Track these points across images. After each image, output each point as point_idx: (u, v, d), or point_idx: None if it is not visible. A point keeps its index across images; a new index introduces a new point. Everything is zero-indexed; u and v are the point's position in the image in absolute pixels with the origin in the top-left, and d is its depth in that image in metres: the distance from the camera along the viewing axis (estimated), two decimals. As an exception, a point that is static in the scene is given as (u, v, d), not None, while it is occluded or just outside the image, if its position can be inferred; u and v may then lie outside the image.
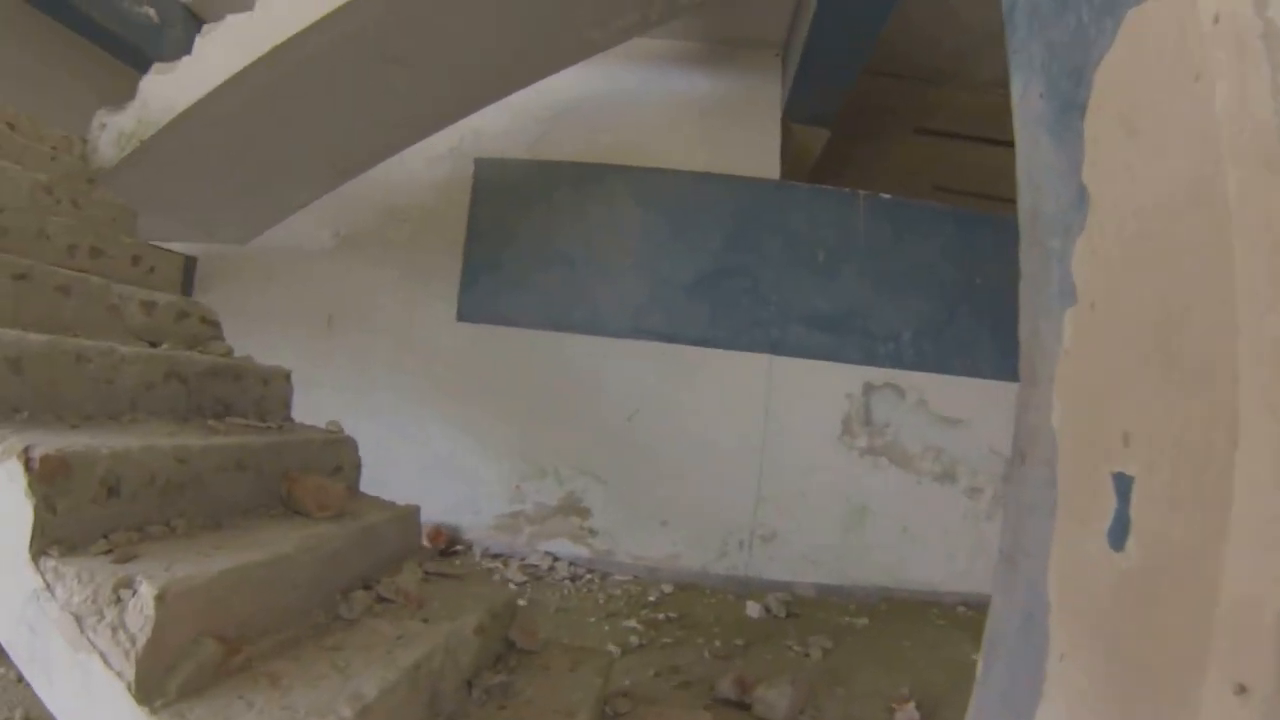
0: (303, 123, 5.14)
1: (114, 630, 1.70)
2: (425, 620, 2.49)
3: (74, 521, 1.87)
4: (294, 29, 4.20)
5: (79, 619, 1.71)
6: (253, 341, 5.93)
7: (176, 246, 6.36)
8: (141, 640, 1.68)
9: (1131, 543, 1.20)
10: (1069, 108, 1.46)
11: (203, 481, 2.33)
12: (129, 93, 4.74)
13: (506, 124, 6.65)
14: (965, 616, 5.85)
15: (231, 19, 4.45)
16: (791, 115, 6.72)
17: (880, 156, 8.41)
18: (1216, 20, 1.11)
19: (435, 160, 6.68)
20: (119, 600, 1.71)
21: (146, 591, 1.70)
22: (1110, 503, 1.25)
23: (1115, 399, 1.29)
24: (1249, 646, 0.99)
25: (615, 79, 6.81)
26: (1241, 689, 0.98)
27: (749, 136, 6.71)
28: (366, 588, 2.58)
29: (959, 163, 8.36)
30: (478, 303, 6.53)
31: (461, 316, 6.53)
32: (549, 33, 5.12)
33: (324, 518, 2.63)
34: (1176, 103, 1.17)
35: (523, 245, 6.56)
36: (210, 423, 2.78)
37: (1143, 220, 1.24)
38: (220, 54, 4.43)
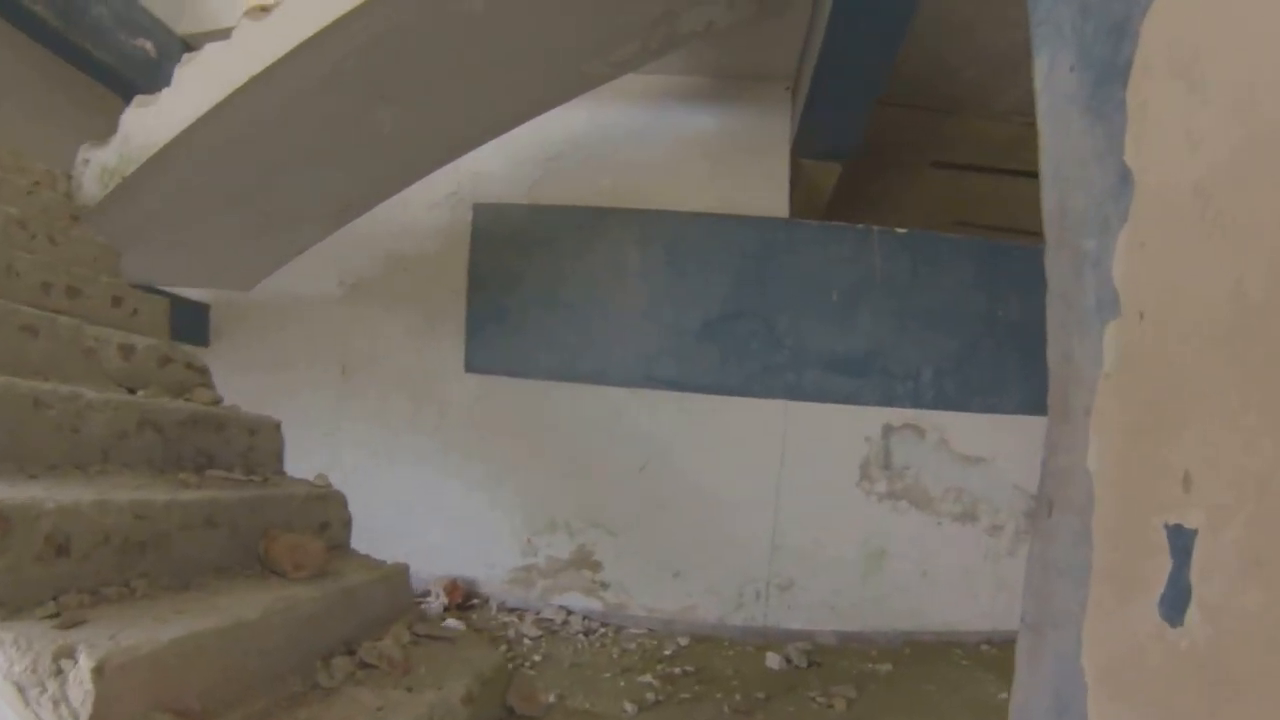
0: (290, 161, 5.02)
1: (55, 704, 1.55)
2: (410, 689, 2.31)
3: (16, 582, 1.73)
4: (270, 59, 4.07)
5: (21, 689, 1.57)
6: (274, 391, 5.92)
7: (189, 293, 6.36)
8: (84, 715, 1.53)
9: (1193, 615, 0.94)
10: (1108, 75, 1.22)
11: (168, 540, 2.17)
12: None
13: (505, 167, 6.56)
14: (989, 655, 5.71)
15: (209, 49, 4.29)
16: (801, 150, 6.55)
17: (897, 191, 8.27)
18: None
19: (435, 206, 6.60)
20: (60, 671, 1.57)
21: (85, 663, 1.55)
22: (1163, 563, 0.99)
23: (1172, 431, 1.03)
24: None
25: (616, 118, 6.69)
26: None
27: (756, 174, 6.56)
28: (349, 653, 2.41)
29: (980, 196, 8.21)
30: (485, 353, 6.43)
31: (470, 367, 6.43)
32: (541, 66, 5.02)
33: (300, 578, 2.47)
34: (1258, 40, 0.91)
35: (527, 293, 6.45)
36: (182, 476, 2.60)
37: (1209, 199, 0.98)
38: (199, 86, 4.28)
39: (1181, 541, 0.97)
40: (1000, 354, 6.28)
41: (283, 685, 2.08)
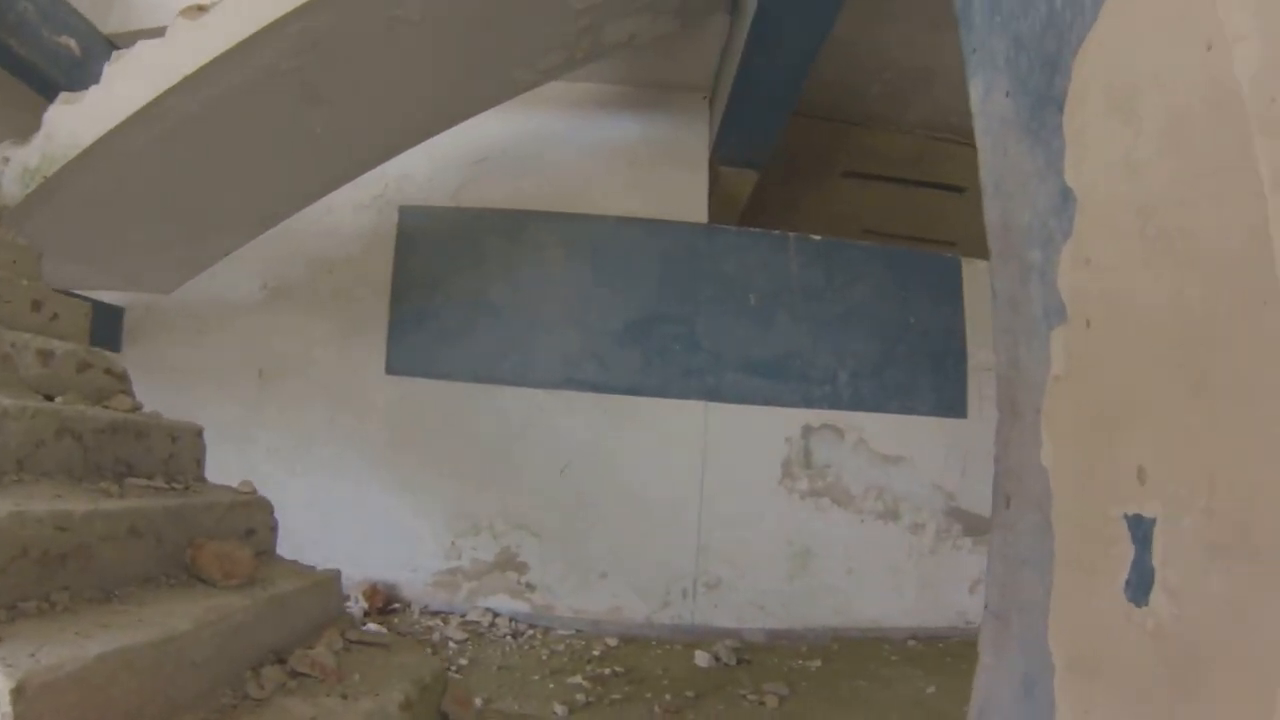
0: (220, 164, 4.90)
1: (-26, 728, 1.47)
2: (345, 696, 2.26)
3: (-73, 600, 1.62)
4: (205, 59, 3.96)
5: (-62, 714, 1.48)
6: (185, 398, 5.75)
7: (103, 296, 6.13)
8: (6, 741, 1.46)
9: (1158, 597, 1.02)
10: (1044, 103, 1.31)
11: (90, 551, 2.09)
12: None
13: (431, 170, 6.53)
14: (916, 651, 5.83)
15: (141, 46, 4.15)
16: (720, 158, 6.69)
17: (809, 199, 8.47)
18: None
19: (361, 208, 6.51)
20: (-24, 693, 1.48)
21: (3, 683, 1.47)
22: (1126, 550, 1.08)
23: (1125, 429, 1.11)
24: None
25: (540, 124, 6.71)
26: None
27: (677, 180, 6.66)
28: (280, 662, 2.34)
29: (888, 205, 8.46)
30: (407, 355, 6.35)
31: (391, 369, 6.34)
32: (474, 72, 5.02)
33: (230, 587, 2.40)
34: (1184, 78, 1.01)
35: (450, 295, 6.40)
36: (103, 485, 2.51)
37: (1148, 219, 1.07)
38: (129, 85, 4.13)
39: (1141, 530, 1.05)
40: (914, 358, 6.49)
41: (213, 699, 2.02)
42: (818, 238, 6.63)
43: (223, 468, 3.41)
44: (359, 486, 6.21)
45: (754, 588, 6.12)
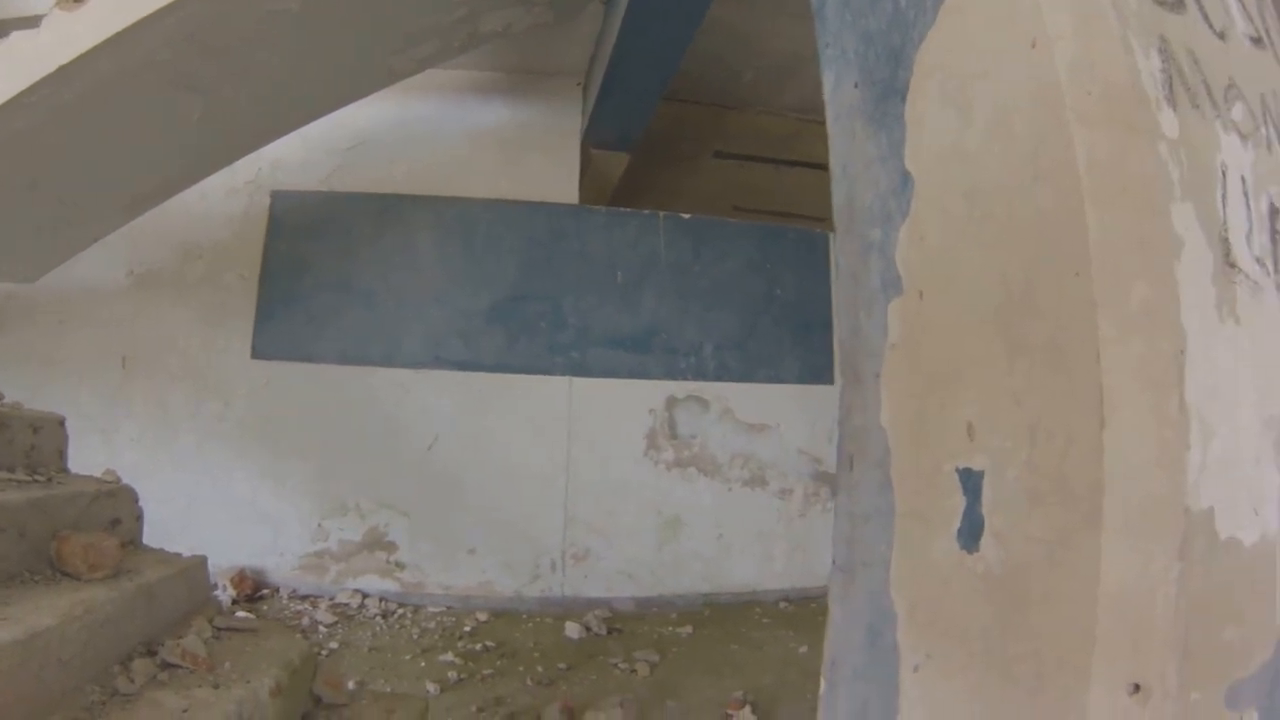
0: (91, 152, 4.72)
1: None
2: (216, 686, 2.21)
3: None
4: (82, 48, 3.82)
5: None
6: (49, 387, 5.70)
7: None
8: None
9: (987, 542, 1.14)
10: (888, 93, 1.42)
11: None
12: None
13: (304, 155, 6.38)
14: (788, 612, 6.03)
15: (15, 37, 4.00)
16: (592, 141, 6.76)
17: (680, 179, 8.60)
18: None
19: (233, 193, 6.32)
20: None
21: None
22: (958, 501, 1.19)
23: (954, 390, 1.23)
24: (1142, 641, 0.94)
25: (413, 109, 6.65)
26: (1136, 688, 0.94)
27: (549, 163, 6.71)
28: (150, 653, 2.28)
29: (756, 184, 8.69)
30: (273, 339, 6.20)
31: (257, 354, 6.18)
32: (352, 62, 4.97)
33: (97, 579, 2.32)
34: (1011, 73, 1.14)
35: (320, 279, 6.28)
36: None
37: (977, 200, 1.20)
38: (1, 73, 3.98)
39: (971, 482, 1.16)
40: (778, 329, 6.69)
41: (80, 696, 1.96)
42: (687, 216, 6.75)
43: (87, 458, 3.32)
44: (224, 473, 6.06)
45: (623, 557, 6.22)
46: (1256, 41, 1.30)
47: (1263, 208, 1.15)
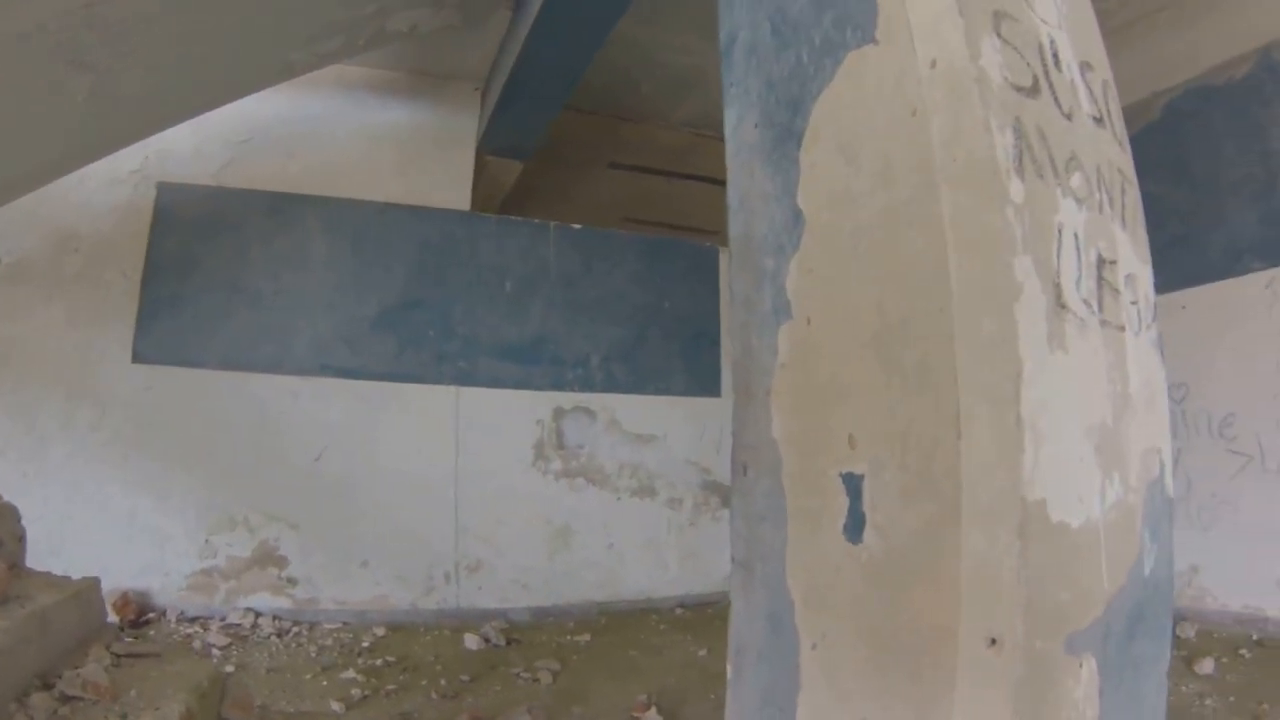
0: None
1: None
2: (124, 716, 2.19)
3: None
4: None
5: None
6: None
7: None
8: None
9: (869, 534, 1.35)
10: (785, 137, 1.61)
11: None
12: None
13: (194, 147, 6.13)
14: (684, 618, 6.18)
15: None
16: (486, 148, 6.81)
17: (573, 188, 8.70)
18: (934, 65, 1.32)
19: (116, 183, 5.98)
20: None
21: None
22: (843, 501, 1.40)
23: (837, 406, 1.44)
24: (995, 604, 1.16)
25: (309, 105, 6.51)
26: (992, 641, 1.15)
27: (442, 168, 6.70)
28: (47, 686, 2.21)
29: (650, 195, 8.87)
30: (156, 342, 5.92)
31: (137, 357, 5.87)
32: (251, 52, 4.83)
33: None
34: (895, 134, 1.35)
35: (206, 278, 6.05)
36: None
37: (859, 240, 1.41)
38: None
39: (853, 484, 1.37)
40: (667, 341, 6.89)
41: None
42: (578, 226, 6.89)
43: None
44: (100, 484, 5.73)
45: (516, 567, 6.27)
46: (1098, 121, 1.54)
47: (1091, 258, 1.38)
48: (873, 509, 1.34)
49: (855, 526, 1.36)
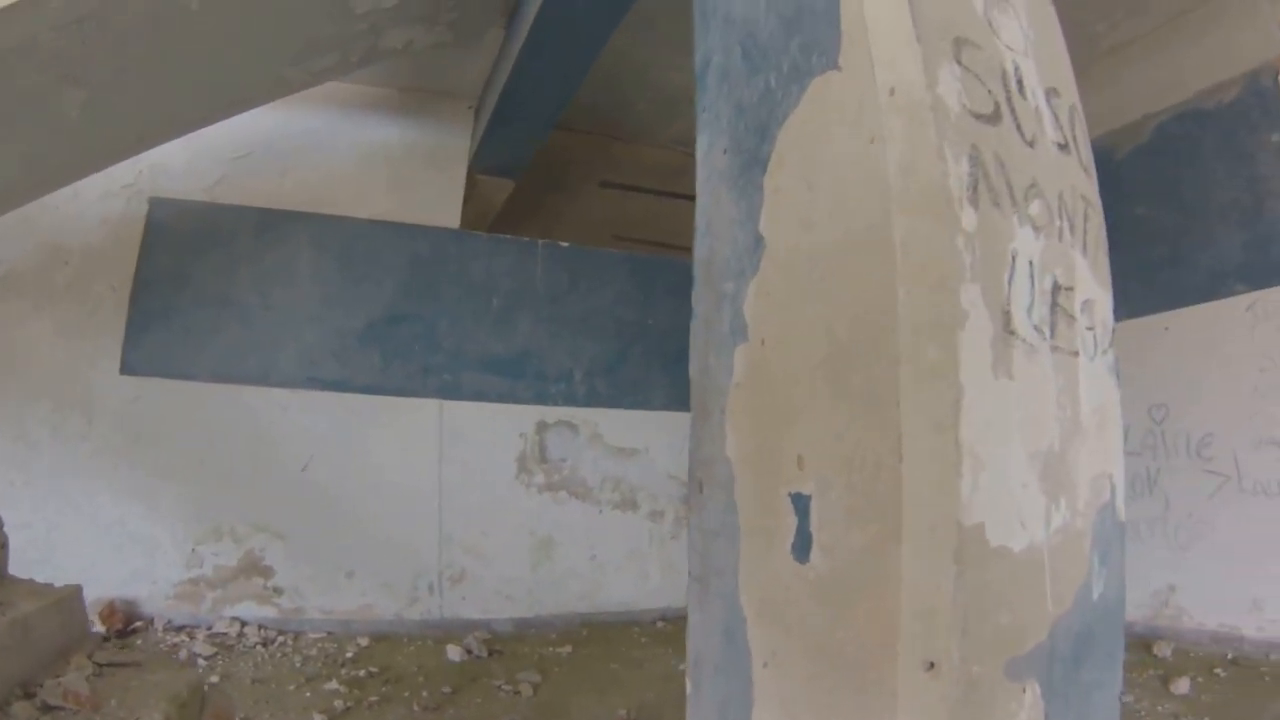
0: None
1: None
2: None
3: None
4: None
5: None
6: None
7: None
8: None
9: (815, 554, 1.37)
10: (752, 163, 1.63)
11: None
12: None
13: (187, 162, 6.15)
14: (666, 631, 6.20)
15: None
16: (478, 167, 6.84)
17: (564, 207, 8.72)
18: (893, 93, 1.34)
19: (109, 196, 6.00)
20: None
21: None
22: (791, 520, 1.42)
23: (787, 426, 1.47)
24: (932, 629, 1.18)
25: (303, 122, 6.52)
26: (930, 665, 1.18)
27: (434, 186, 6.74)
28: (28, 695, 2.21)
29: (639, 214, 8.87)
30: (145, 355, 5.94)
31: (126, 369, 5.88)
32: (247, 69, 4.85)
33: None
34: (855, 161, 1.38)
35: (196, 292, 6.07)
36: None
37: (815, 265, 1.44)
38: None
39: (802, 504, 1.39)
40: (649, 357, 6.94)
41: None
42: (565, 244, 6.94)
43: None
44: (89, 495, 5.73)
45: (499, 578, 6.28)
46: (1063, 147, 1.57)
47: (1046, 285, 1.40)
48: (819, 529, 1.36)
49: (803, 546, 1.38)
